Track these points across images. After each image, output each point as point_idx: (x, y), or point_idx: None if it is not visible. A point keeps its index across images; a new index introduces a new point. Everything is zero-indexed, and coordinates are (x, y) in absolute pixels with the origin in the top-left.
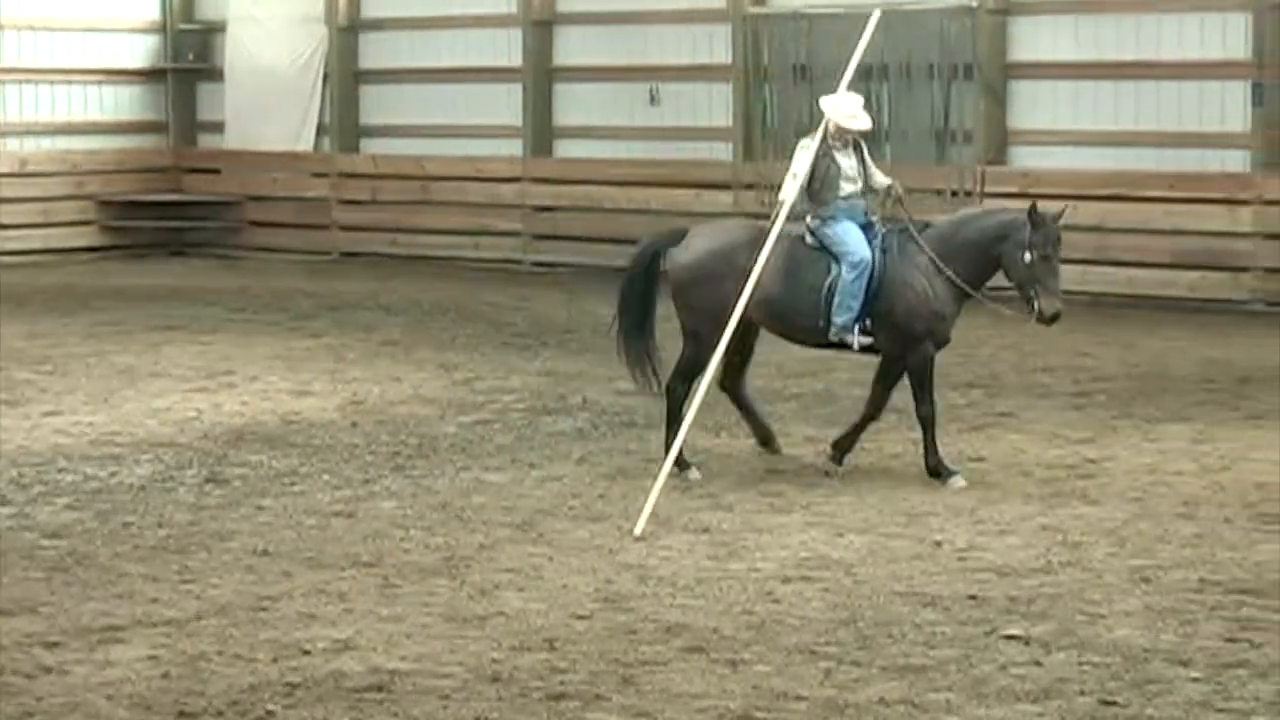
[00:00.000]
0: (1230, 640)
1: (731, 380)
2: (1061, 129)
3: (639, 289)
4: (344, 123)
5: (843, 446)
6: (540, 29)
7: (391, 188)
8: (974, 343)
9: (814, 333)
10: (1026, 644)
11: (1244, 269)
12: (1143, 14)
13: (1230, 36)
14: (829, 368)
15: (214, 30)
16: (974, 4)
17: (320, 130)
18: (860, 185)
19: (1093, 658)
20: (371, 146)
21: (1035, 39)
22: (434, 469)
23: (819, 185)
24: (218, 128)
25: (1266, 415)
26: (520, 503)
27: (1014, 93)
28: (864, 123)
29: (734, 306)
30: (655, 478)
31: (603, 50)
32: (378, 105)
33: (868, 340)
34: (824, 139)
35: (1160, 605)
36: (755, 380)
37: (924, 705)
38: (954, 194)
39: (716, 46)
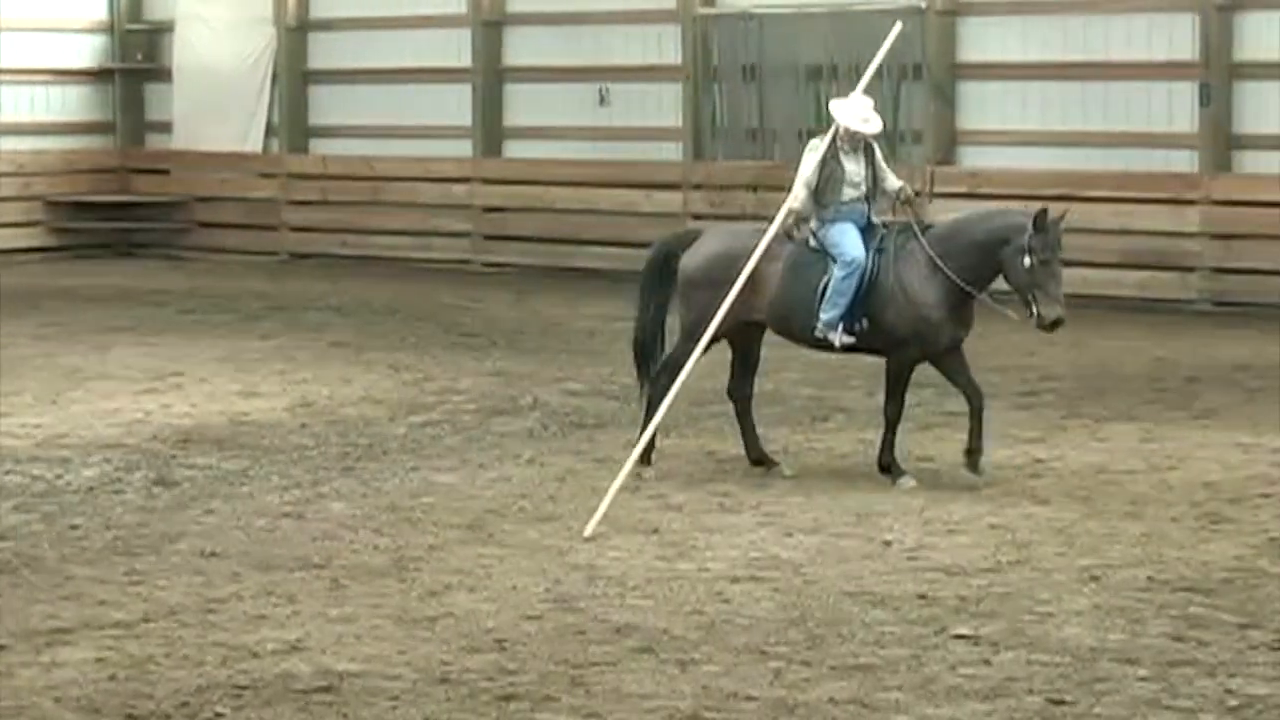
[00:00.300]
0: (1178, 639)
1: (738, 387)
2: (1010, 129)
3: (650, 291)
4: (293, 123)
5: (973, 448)
6: (490, 29)
7: (341, 188)
8: None
9: (807, 331)
10: (975, 643)
11: (1191, 269)
12: (1090, 15)
13: (1177, 38)
14: (780, 367)
15: (162, 30)
16: (923, 5)
17: (269, 131)
18: (864, 190)
19: (1041, 657)
20: (321, 147)
21: (984, 40)
22: (384, 470)
23: (822, 188)
24: (166, 128)
25: (1214, 414)
26: (470, 504)
27: (963, 93)
28: (874, 126)
29: (735, 306)
30: (614, 477)
31: (552, 51)
32: (327, 106)
33: (850, 339)
34: (832, 141)
35: (1108, 604)
36: (710, 381)
37: (873, 704)
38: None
39: (666, 47)
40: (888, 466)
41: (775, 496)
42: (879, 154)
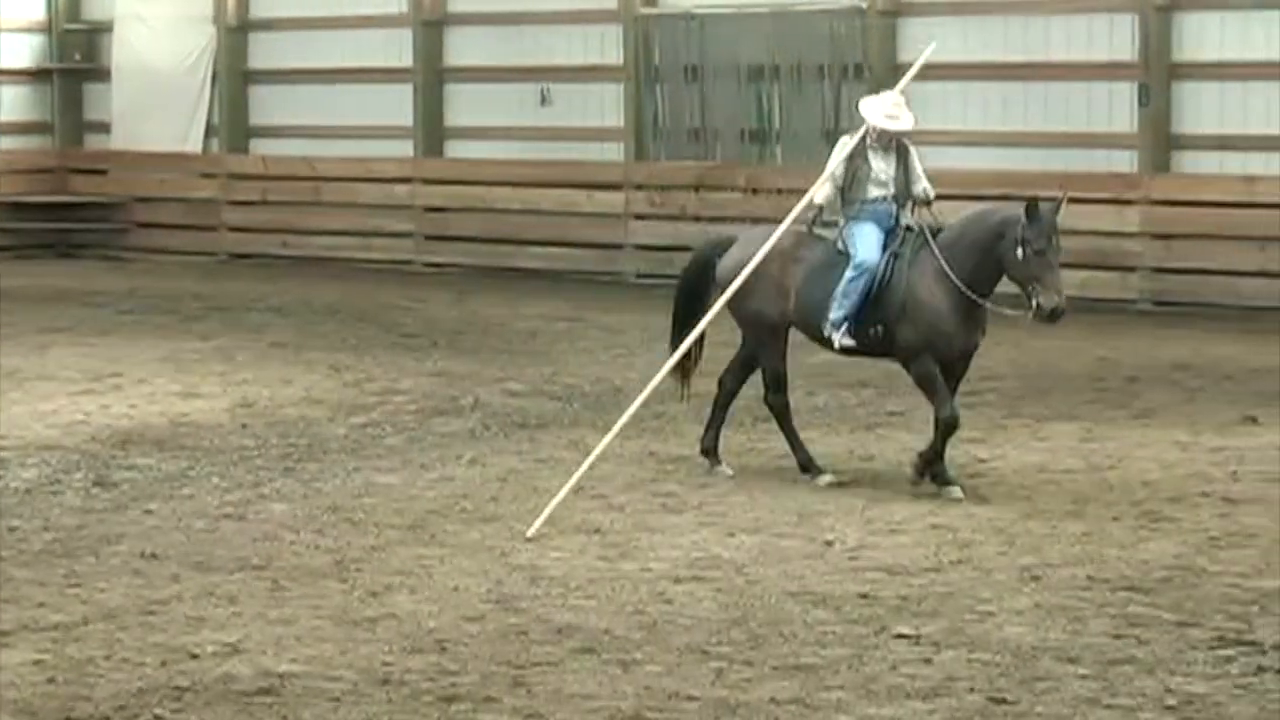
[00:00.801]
0: (1118, 637)
1: (731, 379)
2: (951, 129)
3: (686, 298)
4: (233, 123)
5: (927, 460)
6: (431, 29)
7: (281, 189)
8: None
9: (820, 331)
10: (917, 642)
11: (1131, 269)
12: (1031, 15)
13: (1117, 38)
14: (719, 366)
15: (100, 30)
16: (864, 5)
17: (209, 131)
18: (891, 189)
19: (982, 655)
20: (261, 147)
21: (925, 40)
22: (324, 471)
23: (849, 186)
24: (104, 128)
25: (1154, 413)
26: (411, 504)
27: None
28: (903, 122)
29: (771, 312)
30: (556, 477)
31: (494, 51)
32: (267, 106)
33: (849, 342)
34: (863, 139)
35: (1049, 603)
36: (649, 381)
37: (815, 704)
38: None
39: (607, 47)
40: (936, 474)
41: (717, 497)
42: (914, 155)
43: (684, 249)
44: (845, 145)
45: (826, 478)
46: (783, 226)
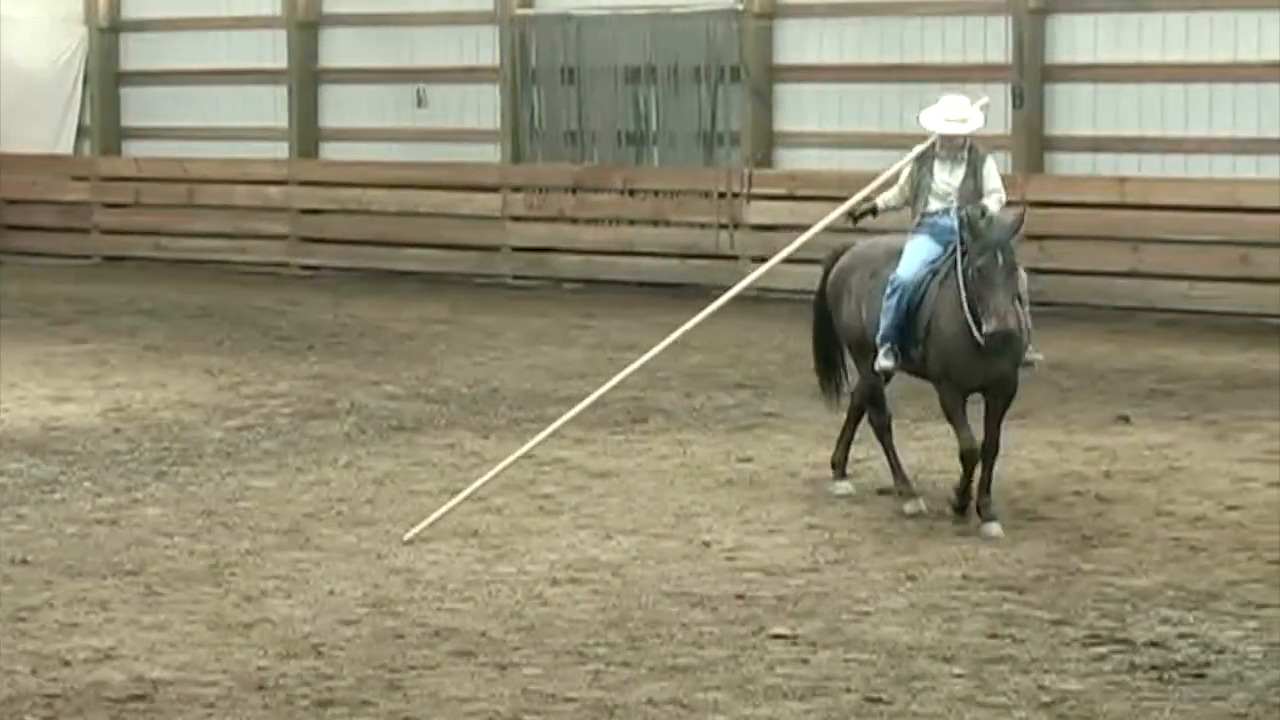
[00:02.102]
0: (992, 636)
1: (858, 395)
2: (828, 131)
3: (818, 307)
4: (105, 125)
5: (960, 492)
6: (305, 30)
7: (154, 191)
8: (742, 343)
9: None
10: (794, 642)
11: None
12: (906, 18)
13: (991, 40)
14: (599, 370)
15: None
16: (740, 7)
17: (80, 133)
18: (955, 201)
19: (859, 655)
20: (133, 149)
21: (801, 42)
22: (199, 475)
23: (914, 196)
24: None
25: (1028, 413)
26: (287, 508)
27: (780, 95)
28: (969, 124)
29: (854, 327)
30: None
31: (369, 52)
32: (140, 107)
33: (888, 363)
34: (931, 145)
35: (925, 602)
36: (527, 383)
37: (692, 705)
38: (721, 195)
39: (484, 48)
40: (979, 506)
41: (594, 499)
42: (989, 164)
43: (561, 250)
44: (917, 150)
45: (914, 504)
46: (838, 212)
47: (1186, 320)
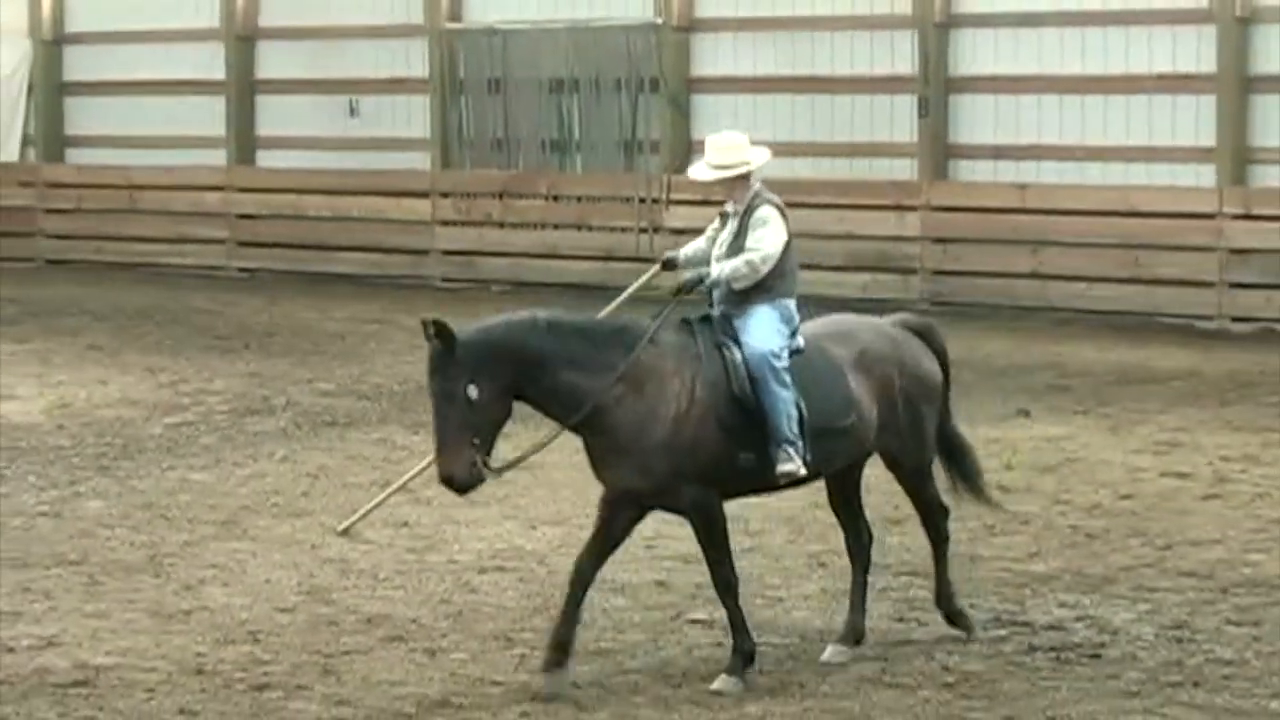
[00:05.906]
0: (899, 620)
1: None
2: None
3: None
4: (49, 133)
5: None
6: (242, 43)
7: (97, 197)
8: None
9: None
10: (710, 627)
11: (912, 271)
12: (817, 32)
13: (898, 53)
14: None
15: None
16: (659, 21)
17: (25, 141)
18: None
19: (773, 639)
20: (76, 157)
21: (717, 55)
22: (140, 469)
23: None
24: None
25: None
26: (224, 501)
27: (697, 105)
28: (737, 168)
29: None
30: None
31: (303, 64)
32: (82, 117)
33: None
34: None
35: (835, 589)
36: None
37: (613, 687)
38: (641, 201)
39: (413, 61)
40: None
41: (520, 490)
42: (760, 213)
43: (489, 254)
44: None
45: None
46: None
47: (1083, 319)
